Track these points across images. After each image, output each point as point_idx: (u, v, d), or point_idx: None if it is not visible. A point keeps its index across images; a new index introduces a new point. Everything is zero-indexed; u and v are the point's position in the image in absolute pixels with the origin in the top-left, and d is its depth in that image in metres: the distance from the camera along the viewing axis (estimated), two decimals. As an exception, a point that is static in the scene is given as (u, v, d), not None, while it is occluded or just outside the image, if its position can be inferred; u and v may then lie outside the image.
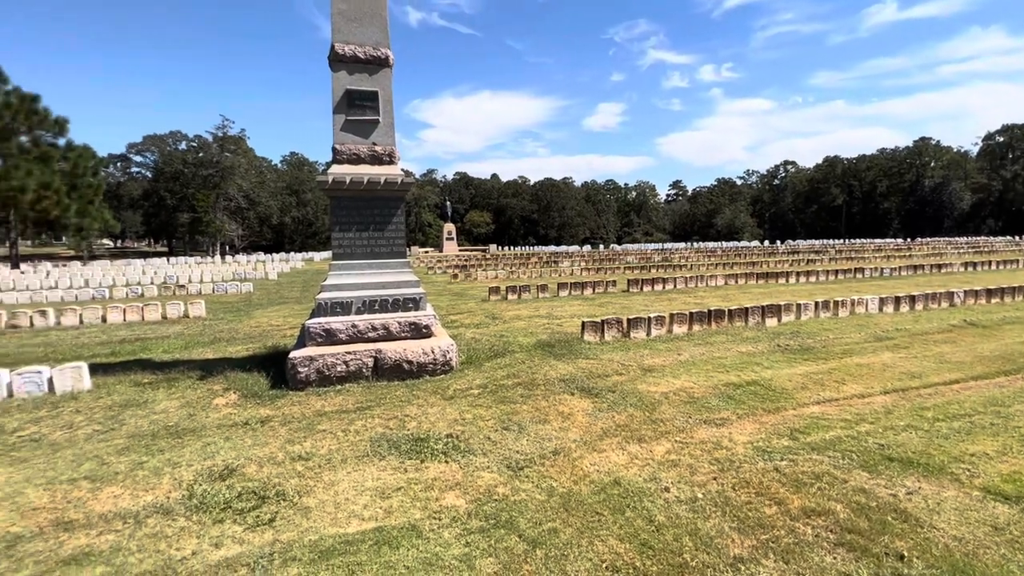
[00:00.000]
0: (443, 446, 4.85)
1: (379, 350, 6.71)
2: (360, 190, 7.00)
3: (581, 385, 6.55)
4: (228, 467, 4.50)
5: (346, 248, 7.13)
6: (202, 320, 12.57)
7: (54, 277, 23.63)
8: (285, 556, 3.27)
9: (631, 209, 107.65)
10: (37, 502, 4.00)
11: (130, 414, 5.82)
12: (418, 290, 7.35)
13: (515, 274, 24.56)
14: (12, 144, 32.35)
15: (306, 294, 18.00)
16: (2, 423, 5.60)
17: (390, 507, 3.82)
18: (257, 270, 27.89)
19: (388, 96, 7.31)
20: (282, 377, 6.77)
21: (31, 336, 11.06)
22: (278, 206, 67.73)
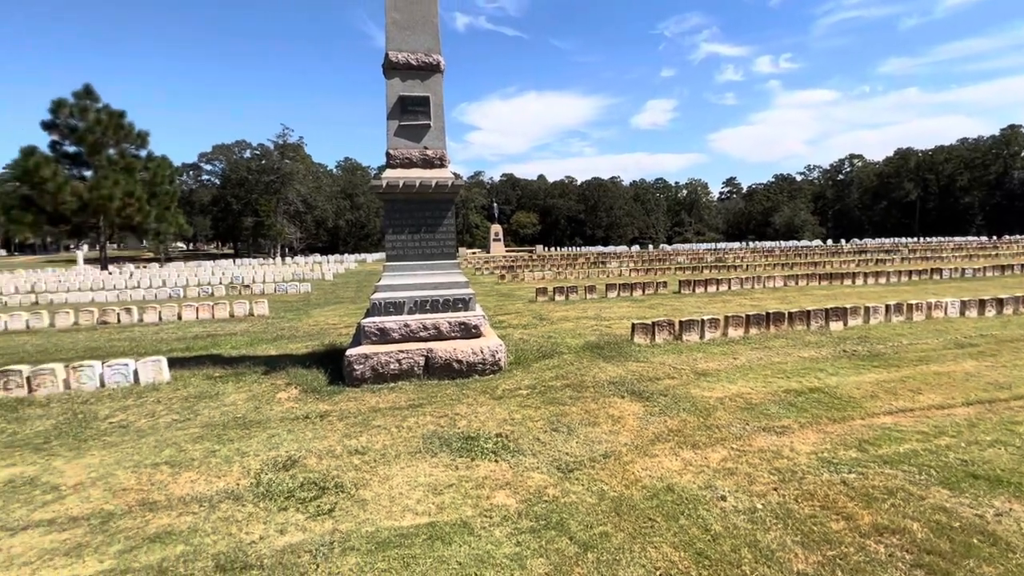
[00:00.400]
0: (493, 445, 4.90)
1: (430, 349, 6.87)
2: (412, 193, 7.19)
3: (631, 388, 6.43)
4: (291, 458, 4.74)
5: (399, 250, 7.35)
6: (265, 318, 13.33)
7: (136, 278, 25.75)
8: (344, 545, 3.41)
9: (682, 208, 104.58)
10: (126, 483, 4.37)
11: (203, 405, 6.25)
12: (468, 291, 7.46)
13: (562, 275, 24.44)
14: (102, 157, 35.54)
15: (360, 294, 18.69)
16: (96, 410, 6.17)
17: (442, 503, 3.91)
18: (314, 271, 29.23)
19: (439, 100, 7.47)
20: (339, 374, 7.06)
21: (118, 331, 12.11)
22: (333, 209, 70.68)
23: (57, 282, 24.99)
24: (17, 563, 3.32)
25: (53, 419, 5.91)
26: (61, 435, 5.44)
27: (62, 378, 6.92)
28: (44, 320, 13.18)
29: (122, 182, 34.70)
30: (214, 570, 3.20)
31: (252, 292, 19.89)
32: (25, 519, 3.86)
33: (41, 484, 4.39)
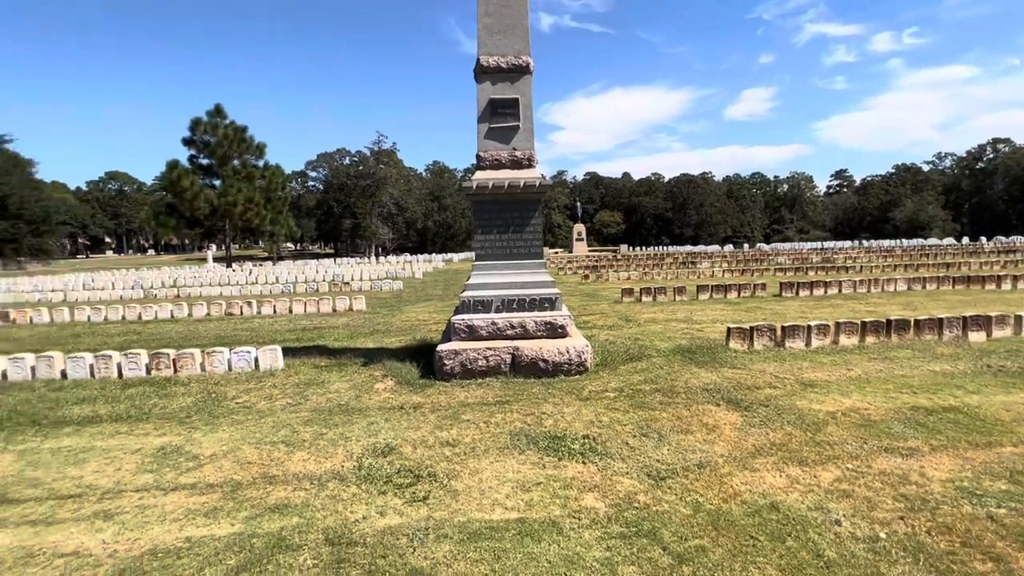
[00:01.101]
0: (580, 447, 4.86)
1: (516, 347, 6.97)
2: (500, 194, 7.33)
3: (727, 396, 6.06)
4: (388, 445, 5.05)
5: (487, 249, 7.53)
6: (363, 313, 14.31)
7: (255, 275, 28.85)
8: (438, 532, 3.56)
9: (781, 204, 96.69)
10: (250, 457, 4.91)
11: (312, 391, 6.85)
12: (554, 290, 7.46)
13: (648, 275, 23.64)
14: (228, 167, 40.21)
15: (447, 292, 19.43)
16: (225, 391, 6.99)
17: (531, 500, 3.94)
18: (405, 269, 30.88)
19: (528, 102, 7.55)
20: (430, 368, 7.39)
21: (241, 322, 13.65)
22: (422, 211, 74.19)
23: (193, 278, 28.70)
24: (169, 519, 3.86)
25: (192, 396, 6.79)
26: (199, 411, 6.24)
27: (199, 361, 7.93)
28: (184, 311, 15.21)
29: (244, 189, 39.05)
30: (324, 543, 3.49)
31: (351, 289, 21.45)
32: (174, 482, 4.47)
33: (185, 452, 5.06)
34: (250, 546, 3.47)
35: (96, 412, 6.27)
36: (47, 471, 4.75)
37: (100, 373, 7.81)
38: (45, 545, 3.58)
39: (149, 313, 14.99)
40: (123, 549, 3.50)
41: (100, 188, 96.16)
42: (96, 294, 21.82)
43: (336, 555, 3.34)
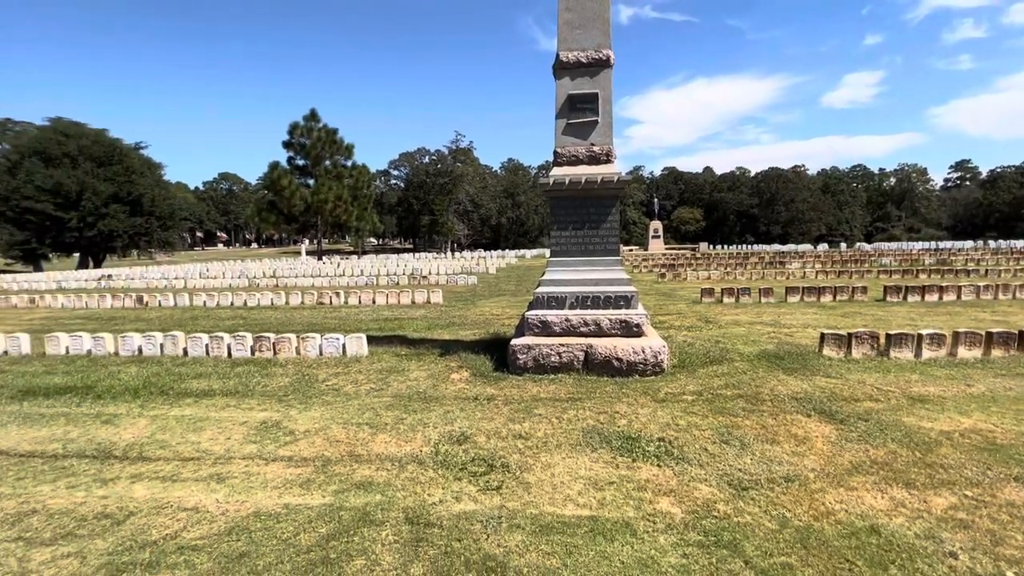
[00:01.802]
0: (655, 449, 4.73)
1: (590, 345, 6.90)
2: (577, 190, 7.28)
3: (820, 407, 5.60)
4: (463, 434, 5.22)
5: (562, 246, 7.52)
6: (439, 306, 14.85)
7: (342, 268, 30.88)
8: (511, 522, 3.63)
9: (887, 199, 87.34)
10: (338, 436, 5.29)
11: (393, 378, 7.23)
12: (630, 288, 7.30)
13: (731, 275, 22.36)
14: (321, 167, 43.31)
15: (519, 288, 19.62)
16: (316, 374, 7.57)
17: (603, 499, 3.91)
18: (479, 265, 31.57)
19: (607, 96, 7.41)
20: (503, 361, 7.52)
21: (330, 311, 14.69)
22: (496, 208, 75.40)
23: (289, 269, 31.29)
24: (270, 486, 4.27)
25: (289, 377, 7.43)
26: (295, 391, 6.81)
27: (294, 346, 8.65)
28: (282, 299, 16.64)
29: (334, 188, 41.91)
30: (404, 521, 3.69)
31: (428, 283, 22.32)
32: (274, 453, 4.93)
33: (283, 427, 5.56)
34: (338, 518, 3.75)
35: (211, 387, 7.05)
36: (172, 435, 5.43)
37: (213, 352, 8.77)
38: (171, 499, 4.10)
39: (253, 300, 16.58)
40: (232, 509, 3.92)
41: (214, 188, 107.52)
42: (210, 282, 24.47)
43: (415, 534, 3.52)
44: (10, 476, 4.57)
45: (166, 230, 49.47)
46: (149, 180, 47.04)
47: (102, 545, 3.48)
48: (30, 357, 9.18)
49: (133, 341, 9.08)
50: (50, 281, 26.98)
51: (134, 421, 5.85)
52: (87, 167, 42.51)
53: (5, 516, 3.88)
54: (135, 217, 45.14)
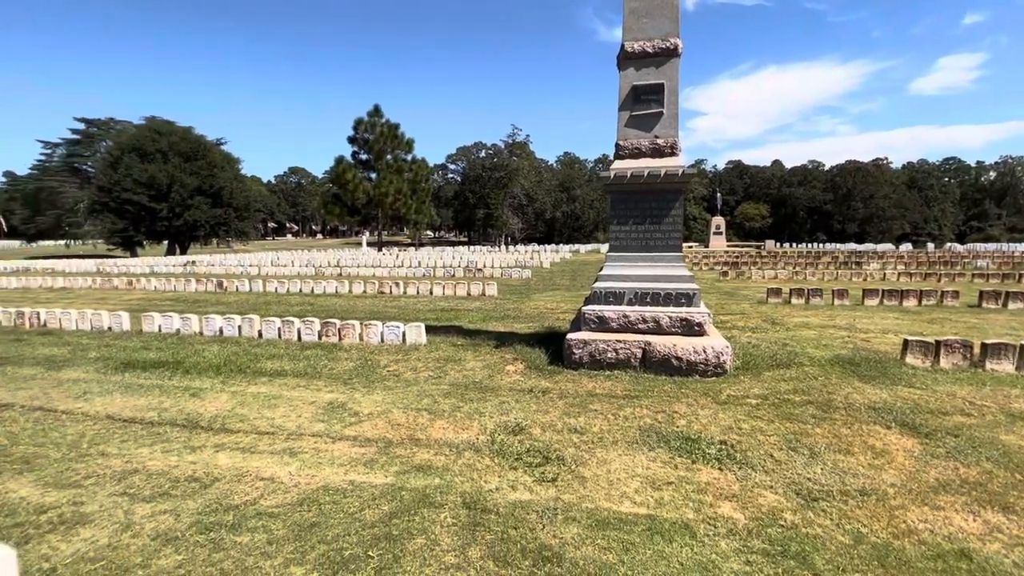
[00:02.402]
0: (716, 451, 4.58)
1: (648, 342, 6.76)
2: (639, 184, 7.11)
3: (902, 419, 5.20)
4: (518, 425, 5.28)
5: (622, 240, 7.38)
6: (494, 299, 15.03)
7: (401, 259, 31.90)
8: (566, 514, 3.65)
9: (986, 196, 79.05)
10: (399, 420, 5.50)
11: (450, 367, 7.41)
12: (691, 286, 7.07)
13: (800, 275, 21.08)
14: (383, 162, 44.80)
15: (574, 282, 19.48)
16: (378, 359, 7.90)
17: (661, 499, 3.83)
18: (533, 259, 31.60)
19: (674, 86, 7.17)
20: (558, 355, 7.52)
21: (390, 300, 15.24)
22: (551, 202, 74.97)
23: (351, 259, 32.70)
24: (337, 463, 4.52)
25: (353, 362, 7.79)
26: (358, 375, 7.14)
27: (358, 332, 9.05)
28: (346, 287, 17.45)
29: (394, 181, 43.26)
30: (461, 505, 3.79)
31: (483, 275, 22.62)
32: (340, 433, 5.20)
33: (348, 409, 5.85)
34: (400, 497, 3.91)
35: (283, 367, 7.53)
36: (250, 410, 5.85)
37: (285, 335, 9.35)
38: (250, 468, 4.43)
39: (319, 288, 17.50)
40: (303, 482, 4.19)
41: (284, 181, 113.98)
42: (280, 270, 26.05)
43: (472, 519, 3.61)
44: (116, 438, 5.11)
45: (242, 220, 53.07)
46: (228, 174, 50.59)
47: (192, 505, 3.83)
48: (129, 333, 10.18)
49: (215, 323, 9.85)
50: (144, 266, 29.71)
51: (217, 395, 6.36)
52: (176, 162, 46.34)
53: (113, 473, 4.35)
54: (216, 208, 48.75)
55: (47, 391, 6.61)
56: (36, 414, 5.81)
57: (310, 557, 3.21)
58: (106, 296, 17.64)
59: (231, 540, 3.39)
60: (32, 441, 5.04)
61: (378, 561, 3.16)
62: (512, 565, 3.10)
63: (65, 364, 7.92)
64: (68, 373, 7.45)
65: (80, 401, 6.20)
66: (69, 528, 3.55)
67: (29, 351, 8.79)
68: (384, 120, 45.95)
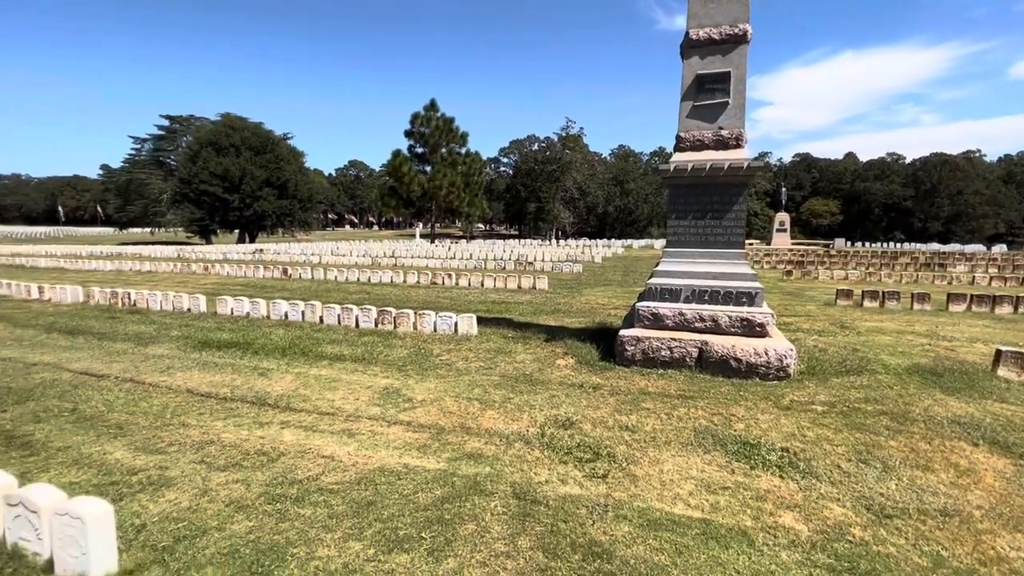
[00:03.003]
0: (777, 458, 4.37)
1: (705, 342, 6.53)
2: (701, 177, 6.85)
3: (992, 436, 4.74)
4: (568, 419, 5.25)
5: (680, 236, 7.15)
6: (544, 292, 15.01)
7: (453, 251, 32.46)
8: (617, 512, 3.60)
9: (1100, 192, 70.31)
10: (451, 408, 5.62)
11: (501, 359, 7.48)
12: (754, 284, 6.74)
13: (874, 276, 19.64)
14: (437, 155, 45.63)
15: (626, 278, 19.10)
16: (431, 348, 8.09)
17: (717, 503, 3.71)
18: (585, 253, 31.26)
19: (741, 75, 6.83)
20: (609, 351, 7.41)
21: (442, 291, 15.57)
22: (604, 196, 73.72)
23: (405, 250, 33.63)
24: (391, 446, 4.68)
25: (407, 349, 8.03)
26: (412, 363, 7.35)
27: (412, 321, 9.31)
28: (400, 277, 17.98)
29: (448, 174, 43.99)
30: (511, 495, 3.83)
31: (534, 269, 22.63)
32: (395, 417, 5.39)
33: (402, 395, 6.04)
34: (451, 483, 4.00)
35: (342, 352, 7.87)
36: (312, 391, 6.17)
37: (344, 321, 9.76)
38: (312, 446, 4.68)
39: (375, 277, 18.13)
40: (361, 462, 4.37)
41: (344, 174, 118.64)
42: (339, 259, 27.21)
43: (522, 509, 3.64)
44: (194, 411, 5.54)
45: (305, 211, 55.78)
46: (294, 167, 53.24)
47: (261, 477, 4.09)
48: (205, 315, 10.98)
49: (281, 307, 10.44)
50: (218, 253, 31.90)
51: (282, 376, 6.75)
52: (247, 155, 49.28)
53: (192, 442, 4.72)
54: (282, 199, 51.49)
55: (136, 364, 7.25)
56: (127, 385, 6.39)
57: (367, 533, 3.35)
58: (185, 280, 19.09)
59: (295, 512, 3.60)
60: (124, 409, 5.56)
61: (430, 543, 3.25)
62: (561, 558, 3.10)
63: (151, 341, 8.66)
64: (154, 349, 8.14)
65: (164, 375, 6.77)
66: (156, 490, 3.89)
67: (121, 328, 9.68)
68: (440, 114, 46.75)
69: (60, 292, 12.90)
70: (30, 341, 8.72)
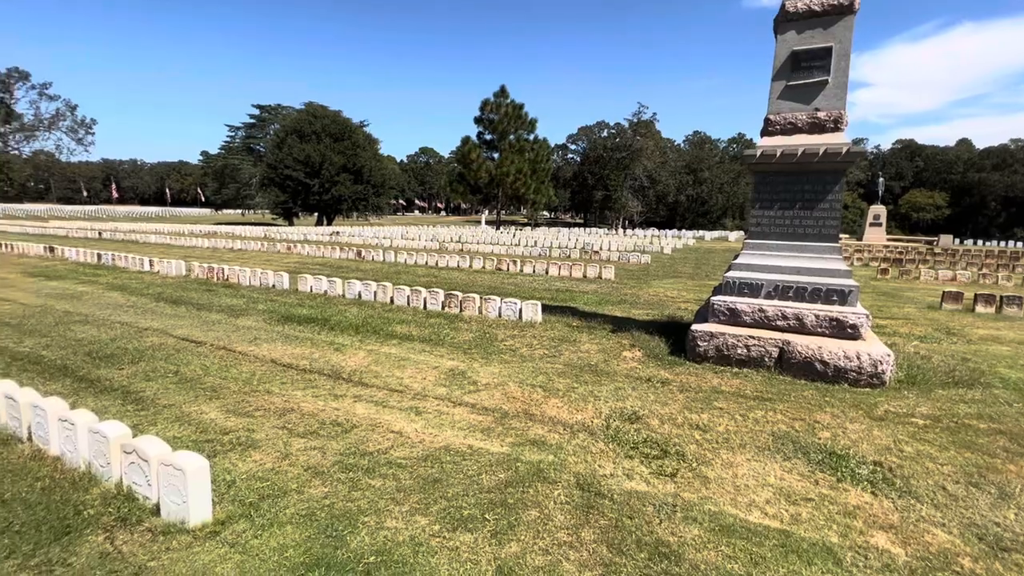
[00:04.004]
0: (868, 473, 3.99)
1: (787, 341, 6.07)
2: (791, 163, 6.32)
3: None
4: (635, 413, 5.10)
5: (764, 227, 6.67)
6: (610, 282, 14.67)
7: (518, 237, 32.55)
8: (686, 513, 3.44)
9: None
10: (515, 393, 5.64)
11: (565, 347, 7.40)
12: (847, 282, 6.17)
13: (989, 278, 17.42)
14: (505, 142, 45.72)
15: (698, 271, 18.26)
16: (495, 333, 8.16)
17: (798, 515, 3.44)
18: (653, 244, 30.21)
19: (845, 50, 6.18)
20: (679, 346, 7.11)
21: (507, 277, 15.66)
22: (675, 185, 70.72)
23: (471, 236, 34.18)
24: (457, 427, 4.77)
25: (472, 333, 8.15)
26: (477, 346, 7.45)
27: (477, 305, 9.44)
28: (466, 262, 18.30)
29: (516, 161, 44.00)
30: (575, 486, 3.77)
31: (600, 258, 22.20)
32: (460, 398, 5.48)
33: (468, 377, 6.14)
34: (515, 468, 4.01)
35: (410, 332, 8.13)
36: (382, 368, 6.42)
37: (413, 303, 10.08)
38: (382, 420, 4.87)
39: (443, 261, 18.58)
40: (428, 439, 4.49)
41: (415, 161, 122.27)
42: (409, 243, 28.14)
43: (586, 501, 3.58)
44: (277, 380, 5.94)
45: (379, 196, 58.13)
46: (369, 153, 55.54)
47: (336, 446, 4.31)
48: (288, 291, 11.76)
49: (355, 287, 10.95)
50: (299, 234, 34.07)
51: (355, 352, 7.08)
52: (327, 142, 52.00)
53: (275, 409, 5.07)
54: (357, 185, 53.98)
55: (228, 334, 7.90)
56: (220, 352, 6.98)
57: (433, 509, 3.43)
58: (270, 258, 20.56)
59: (366, 482, 3.76)
60: (218, 374, 6.07)
61: (494, 525, 3.27)
62: (626, 555, 3.01)
63: (241, 313, 9.40)
64: (243, 321, 8.82)
65: (252, 345, 7.32)
66: (244, 450, 4.21)
67: (216, 300, 10.59)
68: (509, 100, 46.72)
69: (166, 266, 14.33)
70: (142, 308, 9.75)
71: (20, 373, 6.02)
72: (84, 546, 3.01)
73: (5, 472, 3.79)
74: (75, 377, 5.91)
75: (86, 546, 3.01)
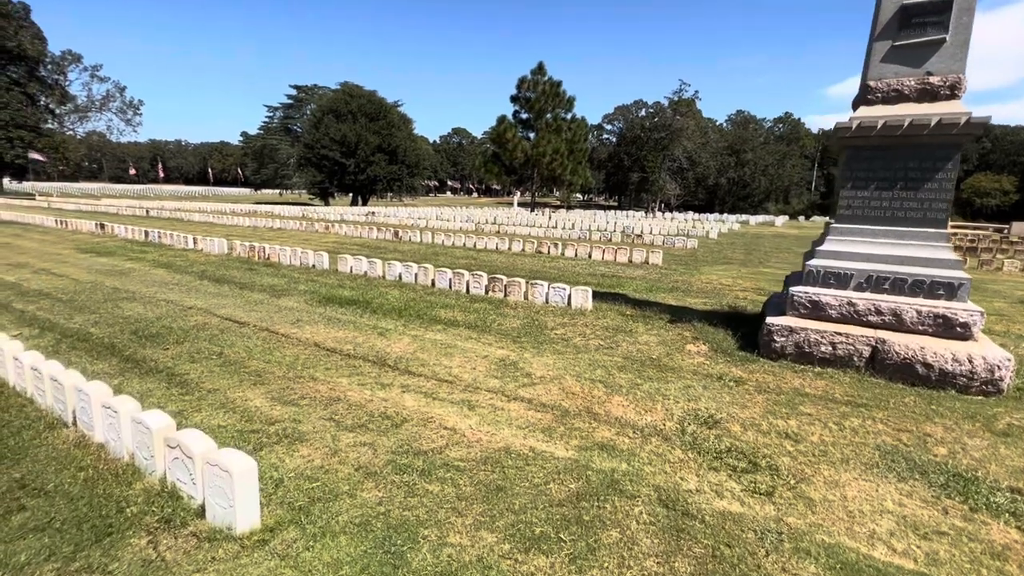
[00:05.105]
0: (1007, 502, 3.37)
1: (882, 340, 5.38)
2: (894, 136, 5.52)
3: None
4: (712, 416, 4.57)
5: (856, 210, 5.91)
6: (658, 268, 13.95)
7: (555, 220, 31.82)
8: (796, 544, 2.94)
9: None
10: (573, 389, 5.18)
11: (621, 338, 6.88)
12: (956, 273, 5.39)
13: (1078, 271, 15.82)
14: (542, 121, 44.58)
15: (750, 257, 17.25)
16: (544, 320, 7.70)
17: (935, 554, 2.88)
18: (696, 228, 28.97)
19: (969, 3, 5.29)
20: (749, 340, 6.49)
21: (548, 260, 15.12)
22: (716, 167, 67.91)
23: (507, 218, 33.62)
24: (515, 424, 4.35)
25: (519, 320, 7.72)
26: (526, 334, 7.02)
27: (523, 290, 8.98)
28: (505, 244, 17.83)
29: (552, 141, 42.91)
30: (657, 501, 3.31)
31: (643, 242, 21.34)
32: (514, 392, 5.07)
33: (520, 368, 5.71)
34: (586, 477, 3.57)
35: (455, 317, 7.76)
36: (429, 356, 6.07)
37: (455, 286, 9.71)
38: (434, 414, 4.50)
39: (481, 243, 18.17)
40: (484, 439, 4.09)
41: (447, 141, 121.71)
42: (444, 224, 27.86)
43: (672, 521, 3.11)
44: (321, 365, 5.66)
45: (413, 177, 58.06)
46: (403, 133, 55.31)
47: (387, 443, 3.97)
48: (328, 271, 11.59)
49: (396, 268, 10.66)
50: (336, 214, 34.28)
51: (400, 337, 6.76)
52: (362, 122, 52.00)
53: (321, 398, 4.78)
54: (391, 165, 53.97)
55: (271, 315, 7.72)
56: (263, 334, 6.78)
57: (499, 524, 3.04)
58: (309, 238, 20.61)
59: (423, 487, 3.39)
60: (262, 358, 5.84)
61: (571, 547, 2.86)
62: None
63: (283, 293, 9.25)
64: (285, 301, 8.65)
65: (294, 327, 7.10)
66: (291, 443, 3.92)
67: (258, 279, 10.50)
68: (547, 78, 45.37)
69: (209, 244, 14.43)
70: (186, 286, 9.73)
71: (69, 351, 5.95)
72: (126, 550, 2.75)
73: (50, 459, 3.61)
74: (121, 356, 5.79)
75: (128, 551, 2.75)
